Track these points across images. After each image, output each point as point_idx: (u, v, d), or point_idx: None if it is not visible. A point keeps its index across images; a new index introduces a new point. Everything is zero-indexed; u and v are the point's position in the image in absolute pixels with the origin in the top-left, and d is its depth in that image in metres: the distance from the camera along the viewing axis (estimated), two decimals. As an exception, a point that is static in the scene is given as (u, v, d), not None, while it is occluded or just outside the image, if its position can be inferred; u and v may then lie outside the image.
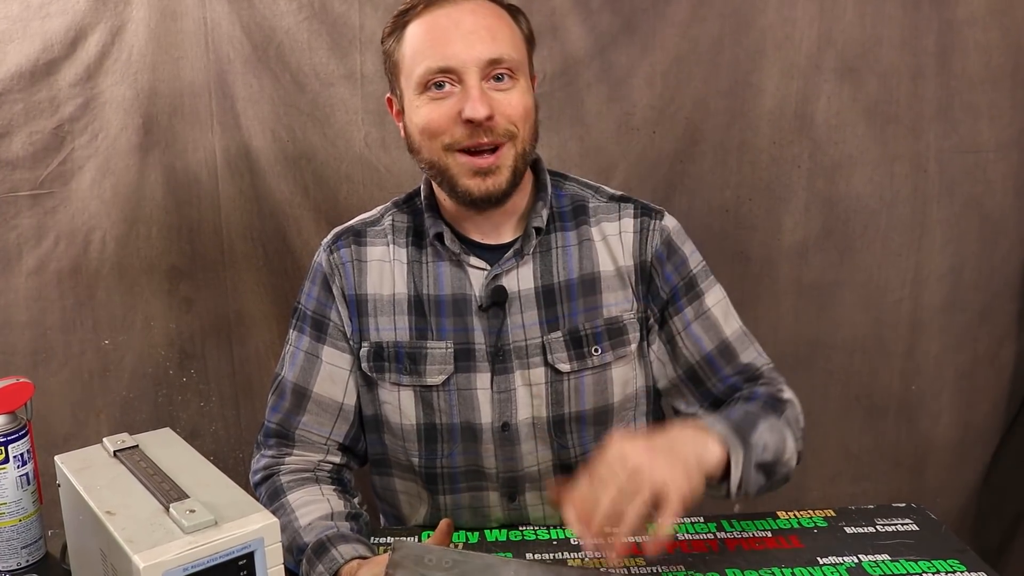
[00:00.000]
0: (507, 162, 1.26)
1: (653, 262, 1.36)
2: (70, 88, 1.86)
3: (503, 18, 1.28)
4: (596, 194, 1.41)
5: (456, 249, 1.33)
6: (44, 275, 1.92)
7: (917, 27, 1.92)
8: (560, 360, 1.33)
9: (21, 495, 1.20)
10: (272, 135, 1.93)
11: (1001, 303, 2.09)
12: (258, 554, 0.93)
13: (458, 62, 1.22)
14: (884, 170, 1.99)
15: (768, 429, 1.21)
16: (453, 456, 1.36)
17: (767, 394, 1.32)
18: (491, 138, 1.24)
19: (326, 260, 1.39)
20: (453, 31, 1.23)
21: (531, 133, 1.29)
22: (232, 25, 1.88)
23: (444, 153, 1.26)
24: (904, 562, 1.22)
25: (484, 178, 1.25)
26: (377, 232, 1.39)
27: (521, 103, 1.25)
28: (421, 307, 1.35)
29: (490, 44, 1.23)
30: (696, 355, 1.37)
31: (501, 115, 1.23)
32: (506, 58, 1.23)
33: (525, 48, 1.30)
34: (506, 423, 1.33)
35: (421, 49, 1.25)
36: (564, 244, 1.36)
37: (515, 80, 1.25)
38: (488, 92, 1.23)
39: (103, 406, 2.00)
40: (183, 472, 1.03)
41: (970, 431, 2.14)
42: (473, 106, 1.21)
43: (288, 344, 1.41)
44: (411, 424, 1.35)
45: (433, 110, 1.25)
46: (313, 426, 1.37)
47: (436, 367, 1.33)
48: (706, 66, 1.94)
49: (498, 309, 1.33)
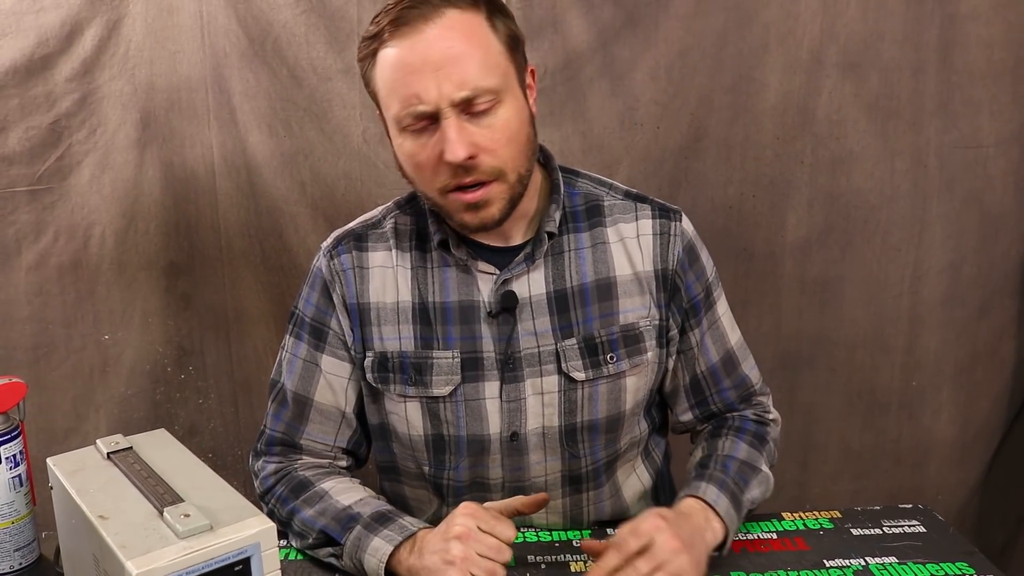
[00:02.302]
0: (498, 196, 1.21)
1: (677, 270, 1.33)
2: (66, 83, 1.85)
3: (475, 35, 1.18)
4: (611, 191, 1.37)
5: (463, 255, 1.29)
6: (44, 270, 1.92)
7: (919, 22, 1.91)
8: (575, 368, 1.29)
9: (14, 497, 1.19)
10: (269, 130, 1.91)
11: (1001, 299, 2.09)
12: (254, 559, 0.91)
13: (431, 105, 1.15)
14: (885, 165, 1.98)
15: (757, 484, 1.30)
16: (460, 469, 1.33)
17: (755, 422, 1.39)
18: (475, 176, 1.18)
19: (326, 266, 1.34)
20: (421, 69, 1.15)
21: (523, 156, 1.22)
22: (228, 19, 1.87)
23: (438, 194, 1.22)
24: (912, 565, 1.21)
25: (476, 212, 1.21)
26: (379, 236, 1.35)
27: (505, 131, 1.19)
28: (426, 315, 1.30)
29: (461, 79, 1.15)
30: (703, 366, 1.38)
31: (484, 152, 1.17)
32: (480, 92, 1.16)
33: (507, 56, 1.21)
34: (515, 433, 1.30)
35: (392, 88, 1.19)
36: (577, 247, 1.32)
37: (497, 105, 1.18)
38: (467, 127, 1.16)
39: (102, 402, 2.00)
40: (178, 475, 1.02)
41: (971, 427, 2.13)
42: (451, 149, 1.15)
43: (284, 350, 1.37)
44: (419, 435, 1.32)
45: (418, 151, 1.20)
46: (317, 435, 1.35)
47: (443, 378, 1.29)
48: (709, 61, 1.92)
49: (508, 315, 1.29)
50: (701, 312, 1.36)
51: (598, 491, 1.38)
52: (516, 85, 1.22)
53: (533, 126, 1.26)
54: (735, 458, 1.31)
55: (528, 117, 1.24)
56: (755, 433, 1.36)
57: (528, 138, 1.24)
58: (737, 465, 1.29)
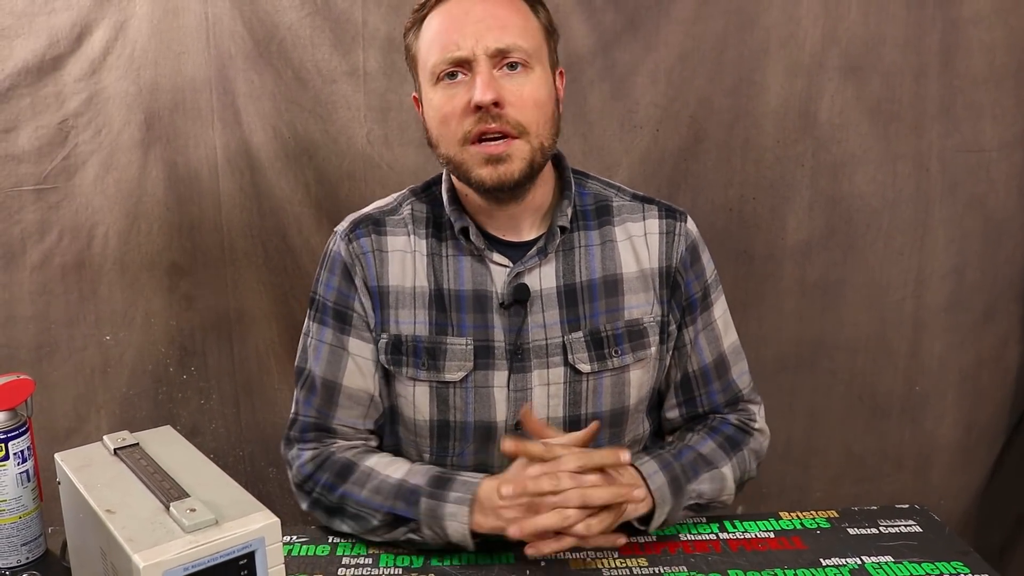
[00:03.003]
0: (520, 153, 1.23)
1: (678, 268, 1.36)
2: (75, 83, 1.86)
3: (518, 7, 1.27)
4: (619, 193, 1.40)
5: (481, 244, 1.31)
6: (48, 269, 1.92)
7: (921, 26, 1.92)
8: (581, 361, 1.32)
9: (21, 492, 1.20)
10: (273, 132, 1.92)
11: (1005, 304, 2.09)
12: (259, 554, 0.92)
13: (467, 51, 1.21)
14: (887, 169, 1.98)
15: (709, 480, 1.31)
16: (464, 455, 1.35)
17: (735, 427, 1.40)
18: (499, 124, 1.21)
19: (345, 249, 1.35)
20: (463, 20, 1.22)
21: (548, 125, 1.26)
22: (234, 20, 1.87)
23: (459, 148, 1.24)
24: (907, 564, 1.22)
25: (496, 166, 1.23)
26: (397, 222, 1.36)
27: (532, 93, 1.23)
28: (441, 301, 1.33)
29: (499, 33, 1.21)
30: (695, 365, 1.40)
31: (510, 104, 1.21)
32: (516, 47, 1.22)
33: (543, 38, 1.29)
34: (520, 422, 1.32)
35: (434, 41, 1.25)
36: (587, 244, 1.35)
37: (529, 69, 1.23)
38: (498, 79, 1.21)
39: (104, 402, 2.00)
40: (184, 470, 1.03)
41: (974, 432, 2.14)
42: (481, 91, 1.19)
43: (309, 336, 1.37)
44: (424, 420, 1.34)
45: (446, 101, 1.24)
46: (348, 419, 1.36)
47: (456, 363, 1.31)
48: (710, 64, 1.93)
49: (519, 307, 1.31)
50: (697, 311, 1.38)
51: None
52: (548, 65, 1.28)
53: (559, 108, 1.30)
54: (693, 449, 1.33)
55: (556, 97, 1.29)
56: (729, 436, 1.38)
57: (554, 114, 1.28)
58: (693, 455, 1.32)
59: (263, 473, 2.09)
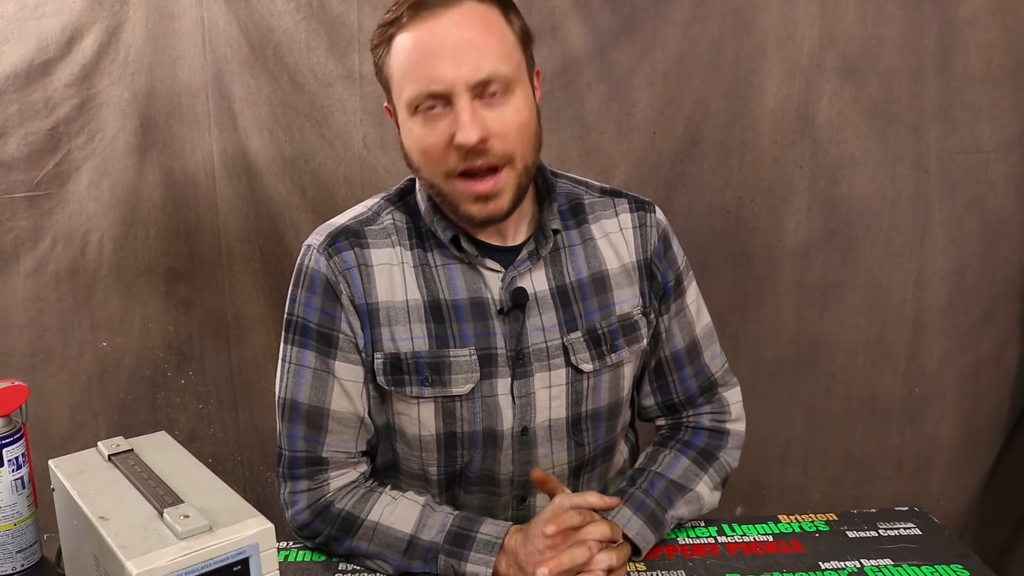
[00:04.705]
0: (508, 185, 1.21)
1: (653, 259, 1.37)
2: (66, 89, 1.86)
3: (491, 24, 1.19)
4: (588, 190, 1.40)
5: (473, 251, 1.28)
6: (42, 277, 1.92)
7: (918, 27, 1.91)
8: (583, 360, 1.31)
9: (16, 499, 1.19)
10: (270, 136, 1.92)
11: (1004, 305, 2.08)
12: (253, 560, 0.92)
13: (445, 86, 1.15)
14: (885, 170, 1.98)
15: (685, 503, 1.32)
16: (473, 463, 1.32)
17: (708, 432, 1.42)
18: (485, 160, 1.18)
19: (326, 265, 1.27)
20: (438, 51, 1.16)
21: (531, 146, 1.23)
22: (229, 25, 1.87)
23: (444, 180, 1.21)
24: (907, 567, 1.21)
25: (485, 203, 1.21)
26: (378, 232, 1.30)
27: (516, 119, 1.19)
28: (439, 313, 1.28)
29: (477, 62, 1.15)
30: (667, 351, 1.41)
31: (495, 137, 1.17)
32: (496, 76, 1.17)
33: (519, 49, 1.23)
34: (525, 428, 1.31)
35: (408, 70, 1.19)
36: (569, 244, 1.34)
37: (509, 93, 1.19)
38: (480, 112, 1.16)
39: (101, 408, 2.00)
40: (178, 477, 1.02)
41: (973, 434, 2.13)
42: (465, 131, 1.15)
43: (287, 362, 1.29)
44: (431, 435, 1.30)
45: (427, 135, 1.19)
46: (339, 444, 1.29)
47: (462, 376, 1.27)
48: (707, 66, 1.93)
49: (518, 312, 1.29)
50: (671, 299, 1.39)
51: (591, 473, 1.41)
52: (527, 78, 1.24)
53: (539, 121, 1.27)
54: (665, 477, 1.34)
55: (536, 111, 1.25)
56: (702, 449, 1.39)
57: (536, 131, 1.25)
58: (664, 484, 1.33)
59: (261, 477, 2.09)
